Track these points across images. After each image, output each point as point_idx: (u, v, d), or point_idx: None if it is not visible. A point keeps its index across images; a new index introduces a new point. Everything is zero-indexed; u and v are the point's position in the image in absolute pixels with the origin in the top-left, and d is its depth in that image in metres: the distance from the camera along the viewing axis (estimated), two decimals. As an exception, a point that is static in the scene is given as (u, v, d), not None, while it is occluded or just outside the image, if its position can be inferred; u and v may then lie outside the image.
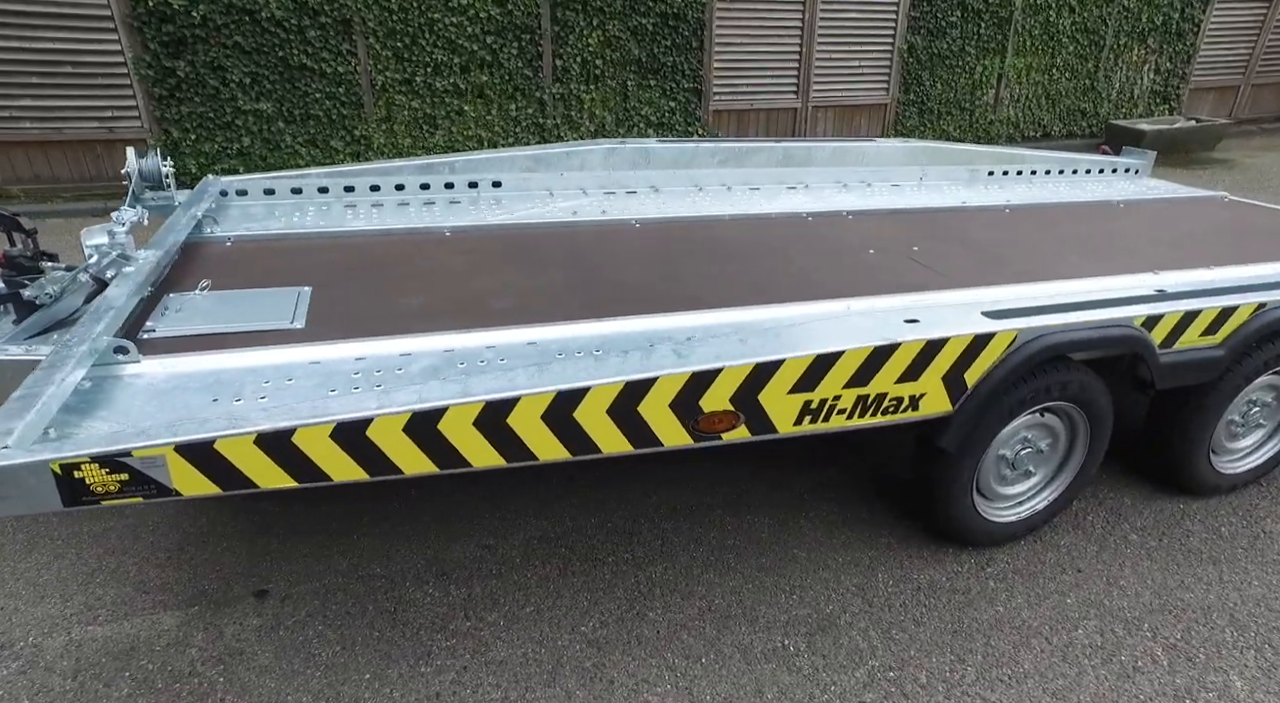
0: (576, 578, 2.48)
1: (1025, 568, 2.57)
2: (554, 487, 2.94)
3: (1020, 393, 2.33)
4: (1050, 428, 2.55)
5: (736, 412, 2.04)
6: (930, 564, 2.58)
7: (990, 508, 2.59)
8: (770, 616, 2.35)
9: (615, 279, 2.57)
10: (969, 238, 3.26)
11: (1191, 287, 2.62)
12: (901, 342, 2.09)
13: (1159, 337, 2.43)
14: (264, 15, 6.70)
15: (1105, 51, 10.73)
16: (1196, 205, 4.38)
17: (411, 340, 2.11)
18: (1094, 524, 2.80)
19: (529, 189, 4.13)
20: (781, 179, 4.63)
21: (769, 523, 2.77)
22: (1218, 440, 2.89)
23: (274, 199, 3.72)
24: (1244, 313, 2.52)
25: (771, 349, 2.03)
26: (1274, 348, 2.66)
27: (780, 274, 2.66)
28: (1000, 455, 2.51)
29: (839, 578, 2.51)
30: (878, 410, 2.18)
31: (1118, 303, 2.42)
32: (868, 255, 2.94)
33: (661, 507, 2.85)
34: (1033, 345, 2.23)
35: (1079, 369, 2.40)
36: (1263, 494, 3.01)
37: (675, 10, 8.12)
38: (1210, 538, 2.74)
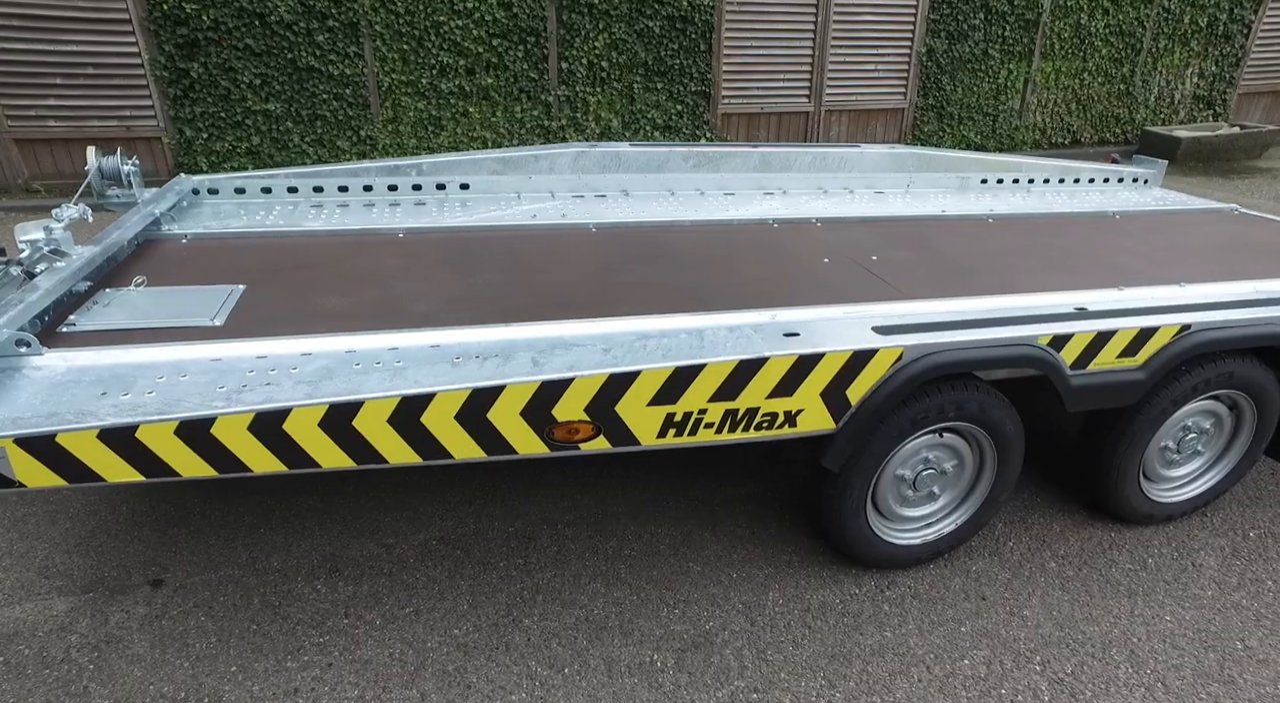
0: (464, 581, 2.50)
1: (926, 593, 2.49)
2: (469, 489, 2.96)
3: (911, 412, 2.25)
4: (955, 449, 2.46)
5: (593, 422, 2.03)
6: (827, 585, 2.51)
7: (891, 529, 2.51)
8: (646, 629, 2.32)
9: (546, 284, 2.57)
10: (936, 248, 3.19)
11: (1116, 305, 2.51)
12: (770, 356, 2.05)
13: (1070, 357, 2.33)
14: (273, 18, 6.91)
15: (1142, 55, 10.30)
16: (1200, 218, 4.18)
17: (317, 340, 2.14)
18: (1013, 550, 2.70)
19: (497, 191, 4.16)
20: (761, 185, 4.58)
21: (672, 534, 2.74)
22: (1151, 468, 2.75)
23: (244, 198, 3.83)
24: (1166, 334, 2.40)
25: (632, 360, 2.01)
26: (1204, 372, 2.52)
27: (718, 283, 2.63)
28: (899, 476, 2.43)
29: (728, 594, 2.47)
30: (750, 426, 2.14)
31: (1025, 321, 2.32)
32: (821, 265, 2.90)
33: (569, 513, 2.84)
34: (920, 363, 2.16)
35: (980, 389, 2.31)
36: (1203, 525, 2.85)
37: (682, 13, 8.09)
38: (1134, 569, 2.61)
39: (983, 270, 2.89)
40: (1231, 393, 2.65)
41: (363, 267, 2.73)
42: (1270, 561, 2.67)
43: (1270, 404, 2.67)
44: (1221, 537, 2.79)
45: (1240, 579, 2.58)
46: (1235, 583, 2.56)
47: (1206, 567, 2.63)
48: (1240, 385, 2.59)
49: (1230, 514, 2.92)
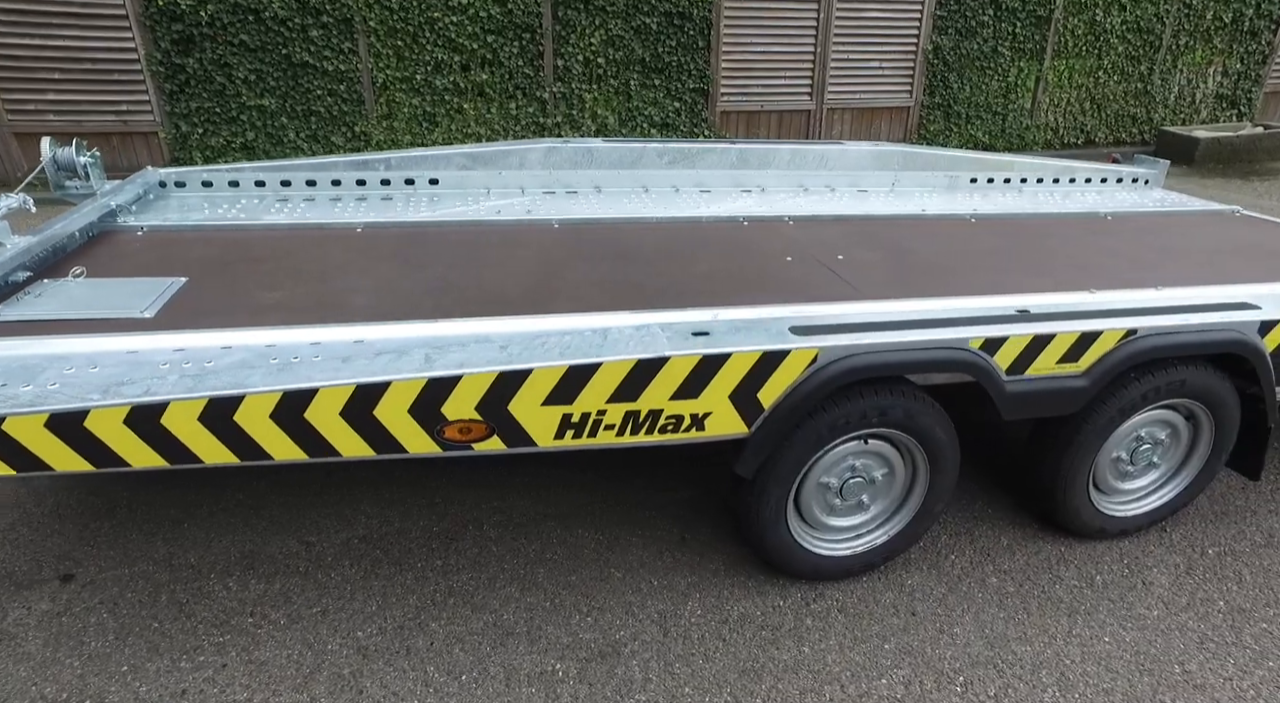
0: (377, 581, 2.44)
1: (854, 607, 2.38)
2: (401, 486, 2.91)
3: (830, 417, 2.15)
4: (884, 457, 2.35)
5: (485, 421, 1.96)
6: (750, 595, 2.42)
7: (817, 539, 2.41)
8: (554, 637, 2.25)
9: (491, 281, 2.52)
10: (908, 248, 3.10)
11: (1061, 308, 2.38)
12: (671, 356, 1.97)
13: (1005, 361, 2.21)
14: (268, 14, 6.94)
15: (1162, 52, 9.99)
16: (1198, 220, 4.02)
17: (239, 334, 2.10)
18: (955, 564, 2.58)
19: (467, 187, 4.13)
20: (739, 182, 4.49)
21: (599, 538, 2.66)
22: (1103, 480, 2.61)
23: (211, 191, 3.82)
24: (1110, 339, 2.27)
25: (525, 358, 1.94)
26: (1154, 380, 2.38)
27: (670, 281, 2.56)
28: (823, 484, 2.33)
29: (645, 602, 2.38)
30: (654, 429, 2.05)
31: (956, 323, 2.21)
32: (782, 264, 2.82)
33: (497, 514, 2.78)
34: (837, 366, 2.06)
35: (907, 394, 2.20)
36: (1160, 540, 2.70)
37: (680, 9, 7.99)
38: (1079, 586, 2.48)
39: (949, 271, 2.79)
40: (1186, 402, 2.50)
41: (313, 261, 2.70)
42: (1225, 580, 2.52)
43: (1228, 415, 2.52)
44: (1178, 553, 2.64)
45: (1190, 599, 2.44)
46: (1184, 603, 2.42)
47: (1157, 585, 2.49)
48: (1194, 395, 2.45)
49: (1191, 529, 2.76)
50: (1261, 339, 2.40)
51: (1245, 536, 2.74)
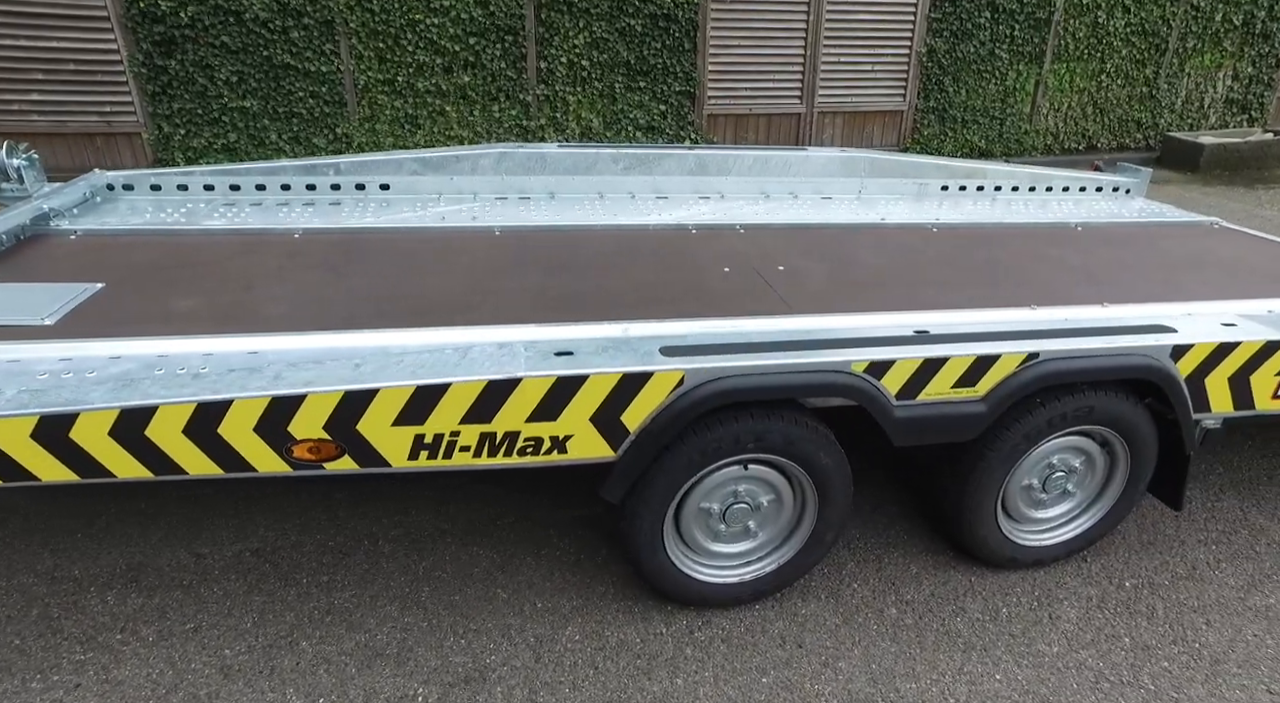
0: (259, 597, 2.40)
1: (740, 637, 2.30)
2: (304, 498, 2.87)
3: (702, 442, 2.07)
4: (771, 484, 2.26)
5: (334, 441, 1.91)
6: (634, 621, 2.34)
7: (702, 566, 2.32)
8: (423, 659, 2.19)
9: (413, 290, 2.48)
10: (856, 259, 3.02)
11: (962, 329, 2.28)
12: (523, 377, 1.90)
13: (894, 385, 2.12)
14: (248, 16, 6.96)
15: (1168, 55, 9.72)
16: (1172, 232, 3.89)
17: (134, 343, 2.07)
18: (856, 593, 2.48)
19: (419, 192, 4.09)
20: (699, 188, 4.42)
21: (493, 557, 2.60)
22: (1015, 508, 2.50)
23: (159, 195, 3.82)
24: (1009, 363, 2.16)
25: (374, 377, 1.89)
26: (1061, 405, 2.27)
27: (593, 292, 2.51)
28: (704, 509, 2.25)
29: (525, 626, 2.32)
30: (513, 451, 1.99)
31: (840, 344, 2.12)
32: (718, 274, 2.76)
33: (396, 528, 2.73)
34: (705, 389, 1.98)
35: (786, 419, 2.11)
36: (1078, 571, 2.59)
37: (665, 11, 7.90)
38: (982, 620, 2.38)
39: (890, 284, 2.71)
40: (1099, 429, 2.39)
41: (242, 268, 2.68)
42: (1136, 615, 2.40)
43: (1144, 442, 2.40)
44: (1093, 585, 2.52)
45: (1096, 635, 2.32)
46: (1089, 639, 2.30)
47: (1064, 619, 2.38)
48: (1105, 421, 2.33)
49: (1112, 560, 2.64)
50: (1175, 364, 2.28)
51: (1168, 567, 2.61)
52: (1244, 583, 2.54)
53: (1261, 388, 2.39)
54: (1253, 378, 2.37)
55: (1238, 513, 2.91)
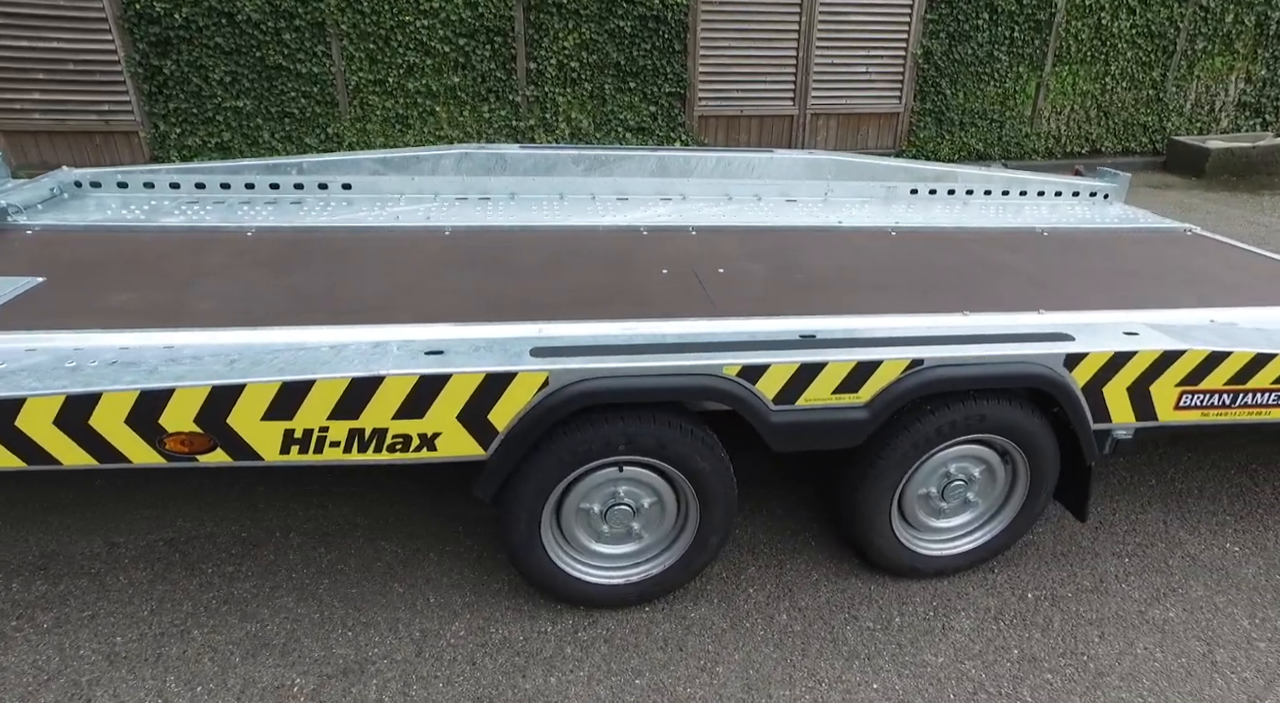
0: (162, 586, 2.46)
1: (623, 638, 2.31)
2: (227, 488, 2.92)
3: (571, 443, 2.09)
4: (651, 486, 2.27)
5: (206, 435, 1.95)
6: (522, 619, 2.36)
7: (586, 566, 2.33)
8: (307, 650, 2.23)
9: (346, 289, 2.54)
10: (801, 262, 3.04)
11: (848, 333, 2.26)
12: (386, 375, 1.93)
13: (771, 390, 2.11)
14: (241, 17, 7.11)
15: (1176, 58, 9.52)
16: (1141, 239, 3.85)
17: (51, 336, 2.14)
18: (750, 597, 2.48)
19: (381, 192, 4.16)
20: (662, 190, 4.43)
21: (398, 551, 2.64)
22: (914, 517, 2.48)
23: (126, 192, 3.92)
24: (893, 369, 2.15)
25: (243, 373, 1.93)
26: (950, 413, 2.24)
27: (517, 292, 2.55)
28: (584, 509, 2.26)
29: (413, 620, 2.35)
30: (382, 447, 2.02)
31: (711, 348, 2.11)
32: (654, 276, 2.79)
33: (311, 521, 2.77)
34: (571, 390, 1.99)
35: (659, 421, 2.12)
36: (982, 581, 2.55)
37: (655, 12, 7.92)
38: (873, 628, 2.36)
39: (825, 288, 2.72)
40: (996, 439, 2.35)
41: (185, 264, 2.76)
42: (1031, 626, 2.36)
43: (1042, 453, 2.37)
44: (994, 596, 2.49)
45: (986, 646, 2.29)
46: (977, 650, 2.27)
47: (956, 630, 2.35)
48: (999, 430, 2.30)
49: (1019, 571, 2.60)
50: (1069, 373, 2.24)
51: (1074, 579, 2.57)
52: (1148, 596, 2.49)
53: (1163, 399, 2.34)
54: (1152, 389, 2.32)
55: (1159, 526, 2.85)
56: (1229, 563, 2.65)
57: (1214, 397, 2.38)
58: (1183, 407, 2.38)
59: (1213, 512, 2.93)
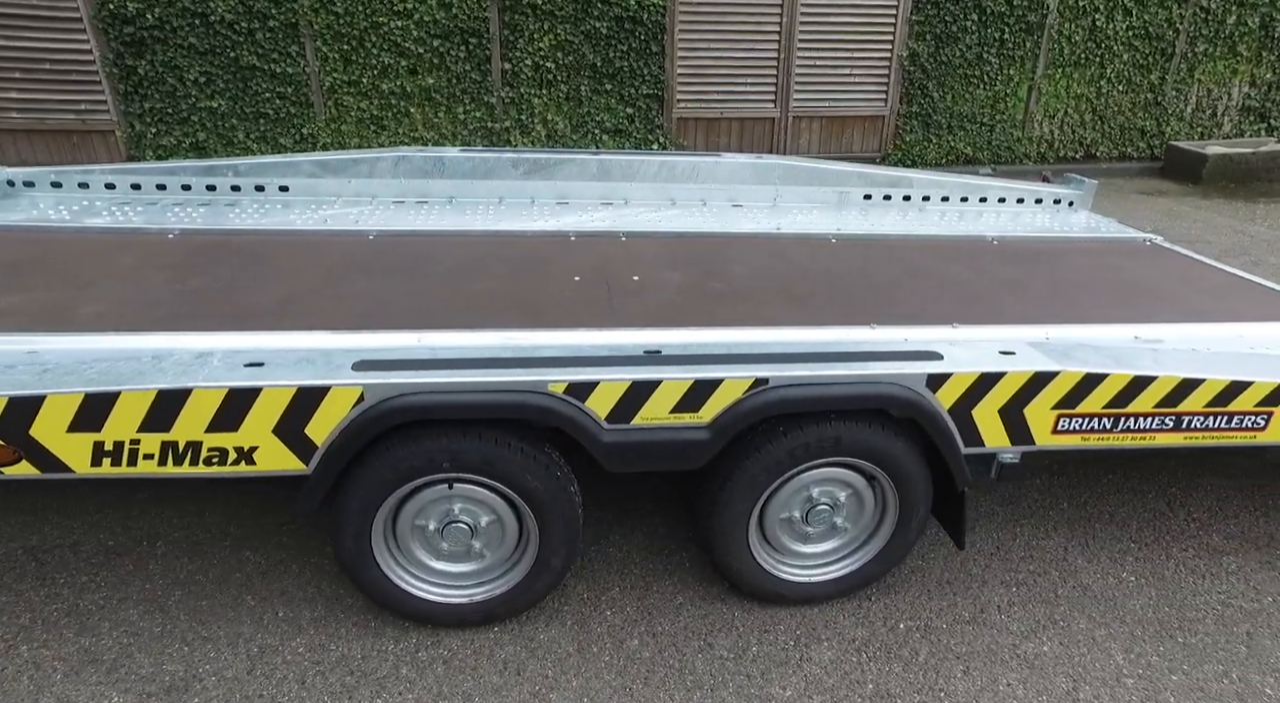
0: (4, 597, 2.42)
1: (463, 659, 2.23)
2: (107, 496, 2.89)
3: (394, 458, 2.02)
4: (489, 504, 2.18)
5: (9, 445, 1.91)
6: (367, 636, 2.29)
7: (422, 583, 2.26)
8: (137, 666, 2.18)
9: (238, 293, 2.52)
10: (727, 271, 2.96)
11: (699, 350, 2.17)
12: (193, 388, 1.88)
13: (603, 408, 2.03)
14: (214, 18, 7.14)
15: (1175, 60, 9.24)
16: (1093, 248, 3.73)
17: None
18: (607, 620, 2.39)
19: (318, 194, 4.13)
20: (605, 194, 4.37)
21: (262, 562, 2.59)
22: (777, 541, 2.37)
23: (61, 192, 3.93)
24: (736, 388, 2.05)
25: (54, 383, 1.89)
26: (804, 435, 2.14)
27: (408, 299, 2.51)
28: (420, 527, 2.19)
29: (255, 634, 2.29)
30: (199, 460, 1.97)
31: (536, 363, 2.03)
32: (564, 284, 2.74)
33: (183, 530, 2.73)
34: (387, 406, 1.93)
35: (484, 438, 2.03)
36: (855, 610, 2.43)
37: (631, 13, 7.83)
38: (725, 658, 2.25)
39: (736, 298, 2.65)
40: (860, 462, 2.24)
41: (94, 266, 2.75)
42: (895, 660, 2.24)
43: (909, 477, 2.25)
44: (864, 626, 2.37)
45: (840, 680, 2.18)
46: (830, 684, 2.16)
47: (815, 661, 2.24)
48: (857, 454, 2.19)
49: (898, 600, 2.48)
50: (933, 394, 2.13)
51: (954, 609, 2.44)
52: (1026, 629, 2.36)
53: (1038, 423, 2.22)
54: (1026, 412, 2.20)
55: (1059, 552, 2.71)
56: (1120, 594, 2.51)
57: (1093, 421, 2.25)
58: (1061, 431, 2.25)
59: (1118, 539, 2.79)
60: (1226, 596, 2.51)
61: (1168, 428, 2.30)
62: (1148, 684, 2.18)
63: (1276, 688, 2.17)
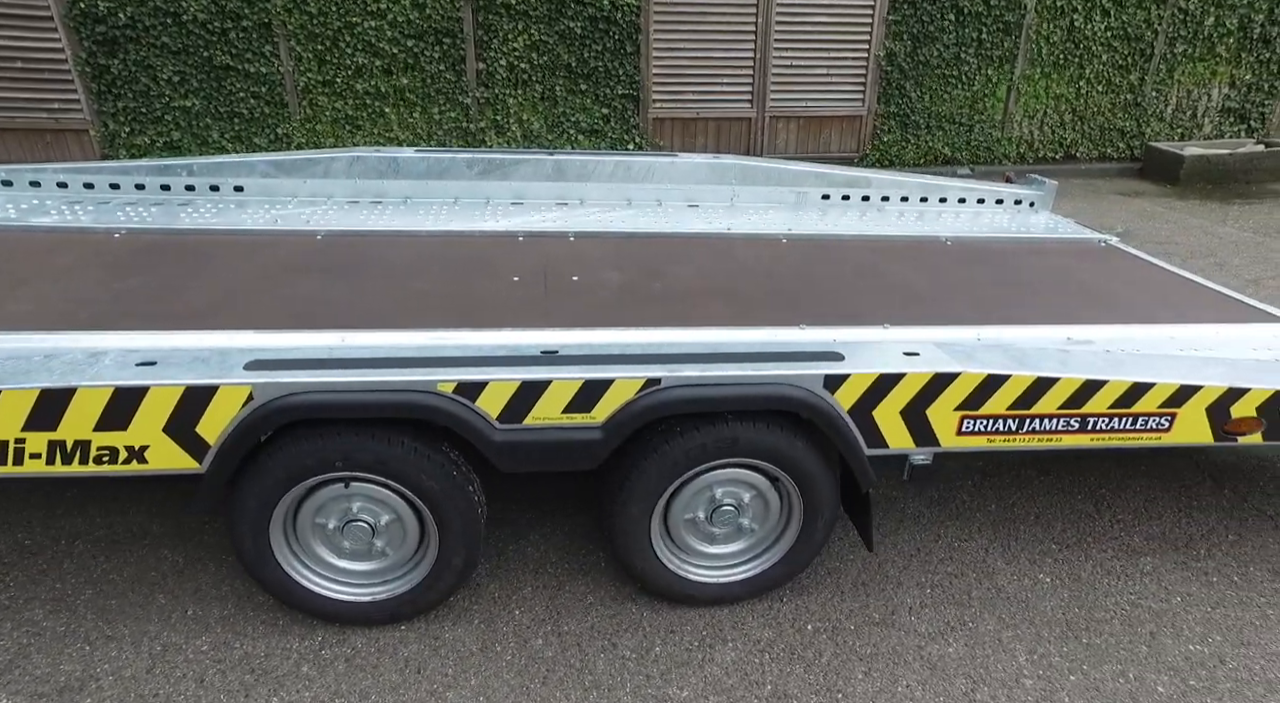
0: (-78, 593, 2.44)
1: (366, 658, 2.23)
2: (33, 493, 2.90)
3: (284, 457, 2.02)
4: (388, 503, 2.19)
5: (-107, 445, 1.92)
6: (273, 634, 2.29)
7: (325, 582, 2.26)
8: (33, 667, 2.18)
9: (172, 295, 2.53)
10: (670, 271, 2.99)
11: (593, 350, 2.17)
12: (78, 386, 1.88)
13: (493, 408, 2.03)
14: (186, 17, 7.15)
15: (1155, 61, 9.22)
16: (1049, 250, 3.73)
17: None
18: (516, 619, 2.39)
19: (274, 194, 4.14)
20: (562, 194, 4.38)
21: (177, 561, 2.59)
22: (683, 541, 2.37)
23: (12, 191, 3.94)
24: (628, 389, 2.05)
25: None
26: (700, 435, 2.14)
27: (346, 301, 2.53)
28: (320, 525, 2.19)
29: (161, 633, 2.29)
30: (88, 459, 1.97)
31: (423, 363, 2.03)
32: (503, 284, 2.77)
33: (103, 528, 2.73)
34: (275, 405, 1.93)
35: (378, 438, 2.03)
36: (765, 610, 2.43)
37: (605, 13, 7.83)
38: (627, 658, 2.25)
39: (672, 298, 2.68)
40: (762, 463, 2.24)
41: (29, 265, 2.76)
42: (796, 661, 2.24)
43: (812, 478, 2.24)
44: (772, 627, 2.37)
45: (740, 681, 2.18)
46: (729, 684, 2.16)
47: (716, 662, 2.24)
48: (756, 454, 2.19)
49: (810, 601, 2.48)
50: (831, 395, 2.13)
51: (865, 610, 2.44)
52: (934, 630, 2.36)
53: (942, 424, 2.22)
54: (929, 413, 2.20)
55: (979, 554, 2.71)
56: (1034, 595, 2.51)
57: (998, 422, 2.25)
58: (966, 432, 2.25)
59: (1040, 540, 2.78)
60: (1137, 596, 2.51)
61: (1073, 429, 2.29)
62: (1045, 685, 2.18)
63: (1168, 686, 2.16)
